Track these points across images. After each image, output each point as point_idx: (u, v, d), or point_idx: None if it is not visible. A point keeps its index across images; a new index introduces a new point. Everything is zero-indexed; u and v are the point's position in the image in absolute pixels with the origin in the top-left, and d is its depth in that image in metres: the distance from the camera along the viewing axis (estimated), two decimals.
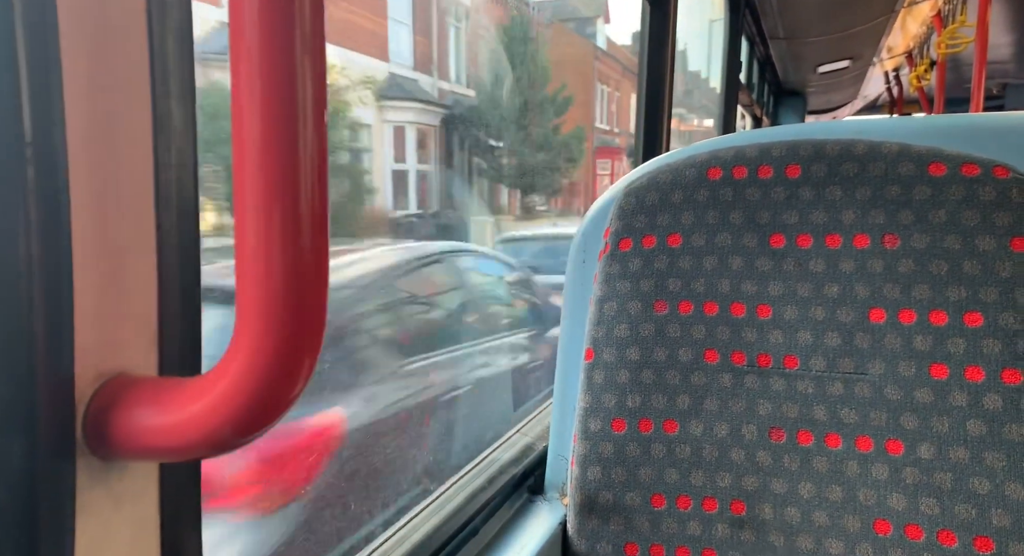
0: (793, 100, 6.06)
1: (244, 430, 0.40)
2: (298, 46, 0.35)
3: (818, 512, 0.84)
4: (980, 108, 3.10)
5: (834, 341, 0.85)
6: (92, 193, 0.41)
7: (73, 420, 0.41)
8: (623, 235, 0.95)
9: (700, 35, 4.32)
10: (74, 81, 0.39)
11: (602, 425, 0.92)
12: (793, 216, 0.89)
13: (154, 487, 0.46)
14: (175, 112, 0.45)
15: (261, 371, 0.39)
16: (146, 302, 0.45)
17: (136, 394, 0.42)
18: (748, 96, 3.90)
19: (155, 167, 0.44)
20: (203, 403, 0.40)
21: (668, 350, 0.91)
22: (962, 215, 0.82)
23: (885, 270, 0.84)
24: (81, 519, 0.42)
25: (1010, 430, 0.77)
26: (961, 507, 0.78)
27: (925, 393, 0.81)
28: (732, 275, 0.91)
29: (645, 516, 0.90)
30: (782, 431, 0.86)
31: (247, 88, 0.35)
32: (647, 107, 1.73)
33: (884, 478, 0.82)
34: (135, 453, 0.43)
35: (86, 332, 0.41)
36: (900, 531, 0.80)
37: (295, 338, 0.39)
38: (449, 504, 0.98)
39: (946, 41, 3.40)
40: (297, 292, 0.38)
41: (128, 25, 0.42)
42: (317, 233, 0.38)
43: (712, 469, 0.88)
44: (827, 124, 1.06)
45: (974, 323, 0.80)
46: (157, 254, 0.45)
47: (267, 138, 0.36)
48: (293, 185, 0.37)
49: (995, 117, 0.94)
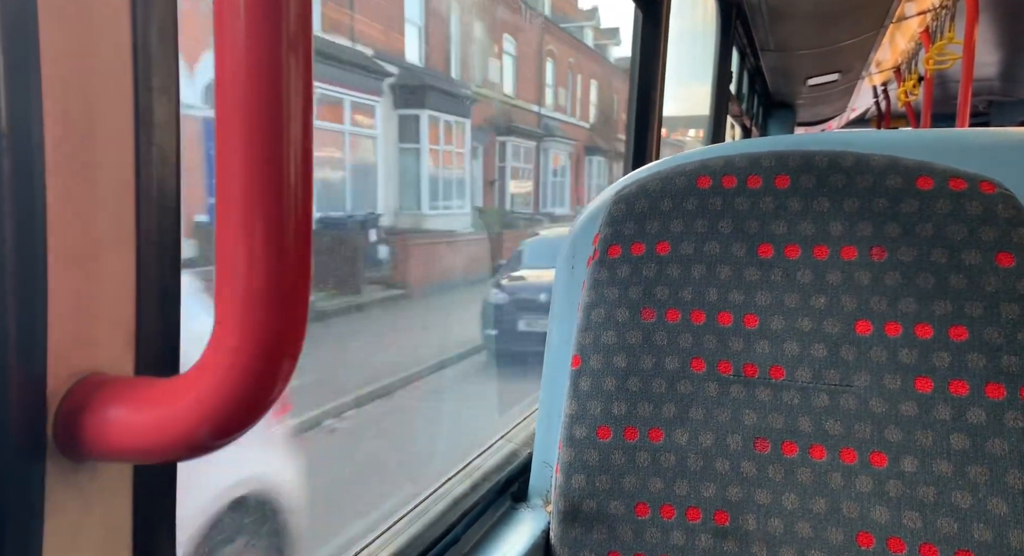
0: (783, 112, 6.10)
1: (221, 432, 0.40)
2: (284, 44, 0.35)
3: (801, 523, 0.84)
4: (966, 124, 3.13)
5: (820, 352, 0.85)
6: (69, 188, 0.40)
7: (44, 419, 0.40)
8: (612, 242, 0.95)
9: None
10: (53, 74, 0.39)
11: (587, 432, 0.92)
12: (781, 226, 0.89)
13: (127, 489, 0.45)
14: (158, 108, 0.44)
15: (240, 372, 0.38)
16: (123, 300, 0.44)
17: (110, 394, 0.41)
18: (738, 107, 3.92)
19: (136, 163, 0.43)
20: (180, 404, 0.40)
21: (655, 358, 0.91)
22: (948, 229, 0.83)
23: (872, 282, 0.84)
24: (50, 520, 0.41)
25: (993, 445, 0.77)
26: (943, 521, 0.78)
27: (910, 406, 0.81)
28: (720, 284, 0.90)
29: (628, 525, 0.89)
30: (767, 441, 0.86)
31: (231, 84, 0.35)
32: (637, 115, 1.73)
33: (868, 490, 0.81)
34: (108, 454, 0.42)
35: (60, 330, 0.41)
36: (883, 544, 0.80)
37: (276, 339, 0.38)
38: (431, 510, 0.97)
39: (934, 57, 3.44)
40: (279, 292, 0.37)
41: (111, 18, 0.42)
42: (300, 233, 0.37)
43: (696, 479, 0.88)
44: (817, 136, 1.07)
45: (959, 337, 0.80)
46: (136, 252, 0.44)
47: (252, 136, 0.35)
48: (277, 184, 0.36)
49: (982, 133, 0.95)
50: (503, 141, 15.39)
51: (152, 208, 0.44)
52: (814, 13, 3.14)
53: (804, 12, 3.11)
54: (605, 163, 20.66)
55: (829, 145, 0.93)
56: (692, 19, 3.30)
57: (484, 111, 14.94)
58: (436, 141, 12.22)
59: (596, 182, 20.27)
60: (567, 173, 19.03)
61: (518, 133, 16.02)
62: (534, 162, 17.02)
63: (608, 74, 21.76)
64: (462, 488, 1.03)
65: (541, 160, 17.29)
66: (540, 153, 17.25)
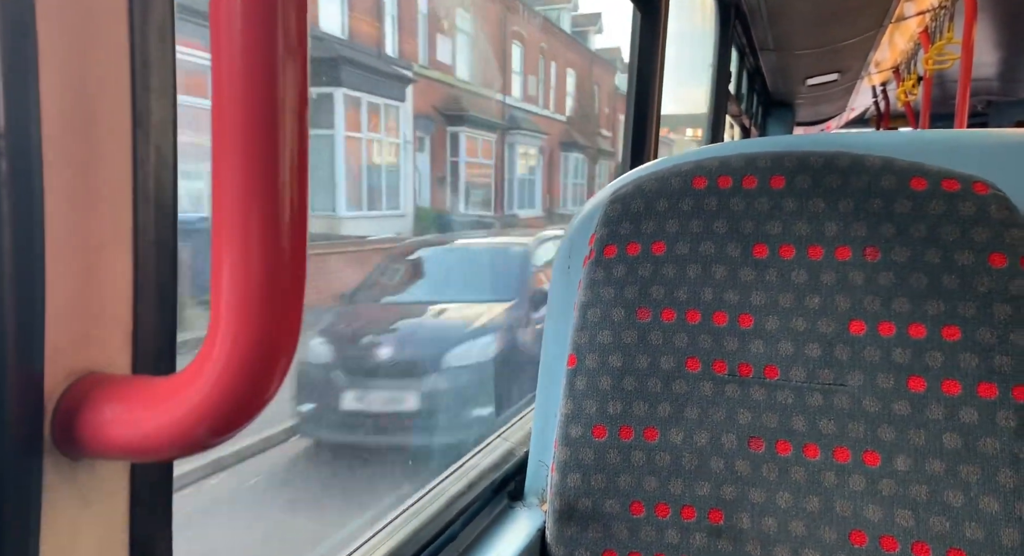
0: (782, 111, 6.11)
1: (218, 430, 0.40)
2: (280, 43, 0.35)
3: (795, 522, 0.84)
4: (964, 124, 3.14)
5: (814, 352, 0.86)
6: (67, 187, 0.40)
7: (41, 418, 0.41)
8: (608, 242, 0.96)
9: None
10: (51, 73, 0.39)
11: (583, 431, 0.92)
12: (776, 227, 0.90)
13: (124, 487, 0.46)
14: (155, 107, 0.44)
15: (236, 371, 0.38)
16: (121, 299, 0.44)
17: (107, 392, 0.42)
18: (737, 107, 3.93)
19: (133, 162, 0.44)
20: (176, 402, 0.40)
21: (650, 357, 0.91)
22: (942, 230, 0.83)
23: (866, 282, 0.85)
24: (48, 518, 0.41)
25: (985, 444, 0.77)
26: (936, 519, 0.78)
27: (902, 405, 0.81)
28: (715, 284, 0.91)
29: (624, 523, 0.90)
30: (761, 441, 0.87)
31: (227, 82, 0.35)
32: (635, 114, 1.74)
33: (861, 489, 0.82)
34: (105, 452, 0.42)
35: (57, 329, 0.41)
36: (876, 542, 0.81)
37: (271, 338, 0.38)
38: (427, 509, 0.97)
39: (933, 57, 3.44)
40: (274, 291, 0.38)
41: (109, 18, 0.42)
42: (296, 232, 0.38)
43: (691, 478, 0.88)
44: (813, 136, 1.07)
45: (952, 337, 0.80)
46: (133, 250, 0.44)
47: (247, 135, 0.36)
48: (272, 182, 0.36)
49: (977, 134, 0.95)
50: (455, 132, 12.88)
51: (149, 207, 0.45)
52: (813, 13, 3.15)
53: (803, 12, 3.11)
54: (585, 161, 18.63)
55: (825, 146, 0.93)
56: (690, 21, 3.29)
57: (431, 96, 12.29)
58: (357, 128, 9.64)
59: (574, 181, 18.08)
60: (539, 170, 16.22)
61: (475, 123, 13.52)
62: (496, 157, 14.26)
63: (588, 63, 19.55)
64: (458, 487, 1.03)
65: (506, 155, 14.67)
66: (505, 147, 14.68)
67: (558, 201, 17.27)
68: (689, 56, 3.43)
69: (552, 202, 16.77)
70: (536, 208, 15.94)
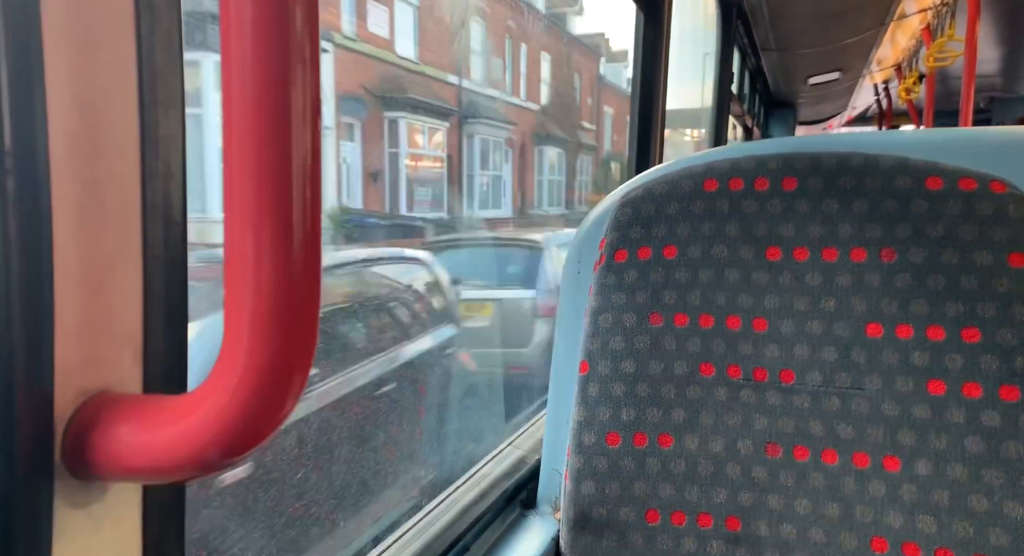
0: (784, 111, 6.10)
1: (232, 450, 0.39)
2: (292, 49, 0.34)
3: (814, 529, 0.83)
4: (969, 121, 3.13)
5: (831, 356, 0.85)
6: (75, 204, 0.40)
7: (52, 439, 0.40)
8: (618, 246, 0.95)
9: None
10: (58, 88, 0.38)
11: (596, 439, 0.91)
12: (789, 229, 0.89)
13: (137, 509, 0.45)
14: (163, 121, 0.43)
15: (250, 389, 0.37)
16: (131, 317, 0.43)
17: (119, 412, 0.41)
18: (740, 107, 3.92)
19: (142, 177, 0.43)
20: (189, 422, 0.39)
21: (663, 363, 0.90)
22: (959, 230, 0.82)
23: (882, 284, 0.84)
24: (59, 542, 0.40)
25: (1008, 447, 0.76)
26: (959, 525, 0.77)
27: (923, 409, 0.80)
28: (728, 288, 0.90)
29: (639, 532, 0.88)
30: (778, 446, 0.85)
31: (238, 93, 0.34)
32: (640, 118, 1.73)
33: (881, 495, 0.81)
34: (117, 474, 0.41)
35: (67, 348, 0.40)
36: (898, 549, 0.79)
37: (286, 355, 0.37)
38: (440, 519, 0.96)
39: (935, 54, 3.43)
40: (288, 307, 0.37)
41: (115, 32, 0.41)
42: (310, 246, 0.37)
43: (707, 484, 0.87)
44: (823, 137, 1.06)
45: (972, 339, 0.79)
46: (143, 267, 0.43)
47: (259, 147, 0.35)
48: (285, 196, 0.35)
49: (991, 132, 0.94)
50: (393, 118, 10.64)
51: (158, 223, 0.44)
52: (815, 12, 3.14)
53: (805, 11, 3.11)
54: (563, 155, 16.45)
55: (836, 146, 0.92)
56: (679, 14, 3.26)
57: (360, 74, 10.05)
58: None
59: (550, 178, 15.78)
60: (506, 165, 13.81)
61: (420, 109, 11.08)
62: (451, 149, 12.18)
63: (566, 48, 17.46)
64: (471, 496, 1.02)
65: (464, 147, 12.51)
66: (463, 138, 12.44)
67: (532, 200, 15.24)
68: (677, 51, 3.41)
69: (525, 201, 14.71)
70: (504, 208, 13.90)
